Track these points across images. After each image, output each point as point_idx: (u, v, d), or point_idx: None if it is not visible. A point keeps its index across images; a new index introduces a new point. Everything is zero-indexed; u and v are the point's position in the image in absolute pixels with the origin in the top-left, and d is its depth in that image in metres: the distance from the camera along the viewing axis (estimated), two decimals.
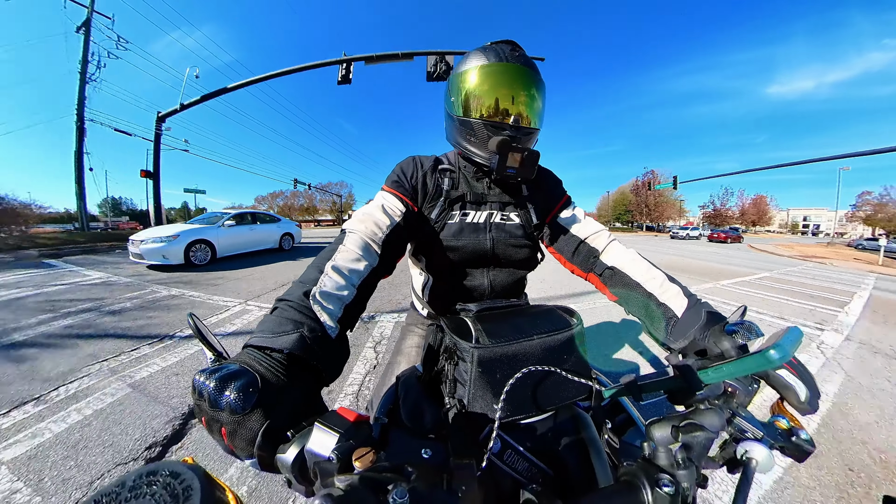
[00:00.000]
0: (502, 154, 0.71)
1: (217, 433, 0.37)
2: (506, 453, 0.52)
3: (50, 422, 1.85)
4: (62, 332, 3.20)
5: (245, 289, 5.17)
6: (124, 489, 0.25)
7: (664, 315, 0.64)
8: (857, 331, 3.95)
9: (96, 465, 1.54)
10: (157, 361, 2.60)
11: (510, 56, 0.75)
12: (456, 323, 0.60)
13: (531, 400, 0.54)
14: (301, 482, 0.35)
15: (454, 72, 0.81)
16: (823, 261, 13.77)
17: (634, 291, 0.71)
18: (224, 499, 0.27)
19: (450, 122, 0.84)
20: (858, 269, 11.10)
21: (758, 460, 0.38)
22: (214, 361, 0.42)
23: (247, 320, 3.70)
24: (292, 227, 11.06)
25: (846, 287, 7.17)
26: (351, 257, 0.64)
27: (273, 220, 10.44)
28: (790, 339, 0.36)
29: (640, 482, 0.39)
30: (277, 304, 0.52)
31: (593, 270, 0.83)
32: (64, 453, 1.60)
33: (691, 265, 10.29)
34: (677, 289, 0.66)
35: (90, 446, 1.66)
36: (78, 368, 2.47)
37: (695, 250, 17.76)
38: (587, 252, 0.84)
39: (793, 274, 9.12)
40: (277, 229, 10.31)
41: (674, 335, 0.62)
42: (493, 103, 0.75)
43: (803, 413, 0.44)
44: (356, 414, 0.37)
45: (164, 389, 2.20)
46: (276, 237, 10.20)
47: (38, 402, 2.03)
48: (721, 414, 0.44)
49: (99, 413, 1.93)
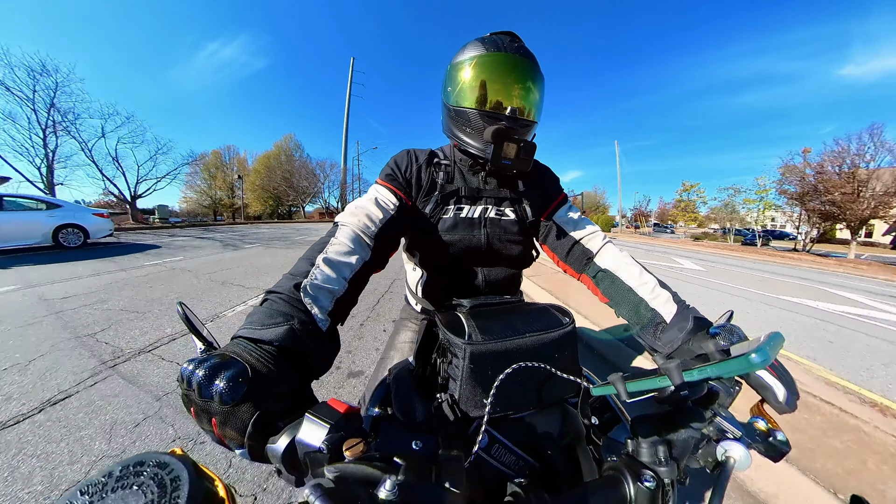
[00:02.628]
0: (497, 143, 0.70)
1: (207, 423, 0.37)
2: (494, 447, 0.53)
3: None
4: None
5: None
6: (111, 479, 0.25)
7: (653, 320, 0.66)
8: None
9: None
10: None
11: (509, 47, 0.74)
12: (449, 318, 0.60)
13: (521, 396, 0.55)
14: (291, 472, 0.35)
15: (452, 61, 0.80)
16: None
17: (626, 295, 0.72)
18: (213, 489, 0.27)
19: (446, 112, 0.83)
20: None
21: (736, 459, 0.40)
22: (204, 351, 0.42)
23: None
24: (86, 216, 7.93)
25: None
26: (342, 250, 0.63)
27: (46, 207, 7.47)
28: (772, 343, 0.37)
29: (624, 477, 0.40)
30: (267, 297, 0.52)
31: (586, 272, 0.83)
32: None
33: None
34: (668, 294, 0.68)
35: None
36: None
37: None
38: (581, 253, 0.84)
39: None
40: (47, 219, 7.26)
41: (661, 339, 0.63)
42: (489, 93, 0.74)
43: (781, 412, 0.45)
44: (347, 406, 0.37)
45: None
46: (45, 230, 7.20)
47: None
48: (703, 414, 0.46)
49: None
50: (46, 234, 7.28)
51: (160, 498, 0.24)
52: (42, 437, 1.60)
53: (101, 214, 8.64)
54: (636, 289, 0.71)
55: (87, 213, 8.19)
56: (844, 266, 11.81)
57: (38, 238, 7.21)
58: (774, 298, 5.76)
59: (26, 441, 1.58)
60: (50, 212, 7.47)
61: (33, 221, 7.20)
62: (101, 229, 8.44)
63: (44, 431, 1.65)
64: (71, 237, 7.67)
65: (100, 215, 8.51)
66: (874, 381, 2.69)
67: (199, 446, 1.61)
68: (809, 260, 13.70)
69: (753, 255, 14.82)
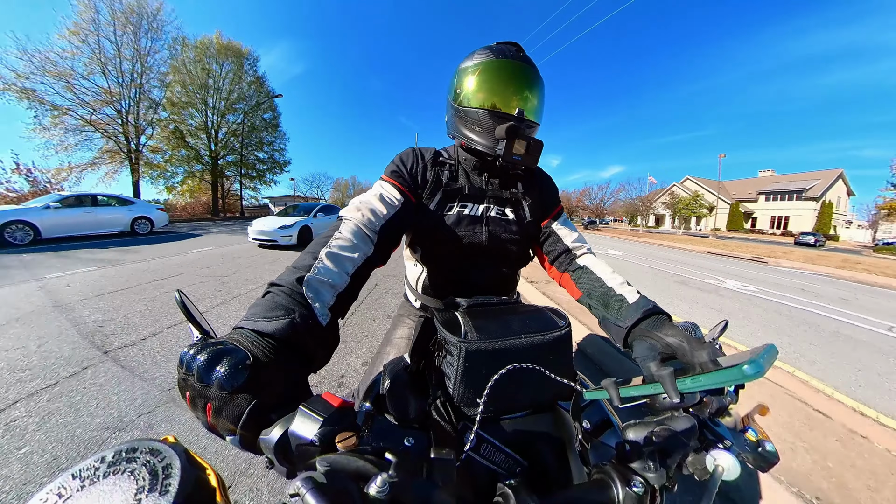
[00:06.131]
0: (510, 139, 0.76)
1: (201, 409, 0.37)
2: (486, 446, 0.53)
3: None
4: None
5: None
6: (103, 464, 0.25)
7: (617, 302, 0.72)
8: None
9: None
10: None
11: (516, 55, 0.82)
12: (446, 316, 0.61)
13: (514, 396, 0.55)
14: (283, 463, 0.36)
15: (461, 65, 0.86)
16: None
17: (596, 286, 0.79)
18: (205, 478, 0.27)
19: (453, 112, 0.87)
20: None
21: (725, 468, 0.40)
22: (202, 340, 0.41)
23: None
24: (151, 210, 10.94)
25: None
26: (346, 245, 0.64)
27: (123, 203, 10.27)
28: (766, 356, 0.36)
29: (613, 481, 0.40)
30: (270, 289, 0.52)
31: (567, 270, 0.89)
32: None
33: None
34: (633, 288, 0.73)
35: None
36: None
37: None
38: (566, 258, 0.91)
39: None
40: (126, 212, 10.13)
41: (621, 315, 0.68)
42: (500, 95, 0.82)
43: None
44: (341, 400, 0.37)
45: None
46: (126, 220, 10.04)
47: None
48: (694, 421, 0.46)
49: None
50: (126, 224, 10.17)
51: (151, 485, 0.24)
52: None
53: (161, 209, 11.71)
54: (606, 279, 0.78)
55: (153, 208, 11.24)
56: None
57: (121, 226, 10.01)
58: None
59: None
60: (128, 207, 10.39)
61: (117, 214, 9.96)
62: (161, 220, 11.36)
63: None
64: (142, 226, 10.63)
65: (160, 210, 11.55)
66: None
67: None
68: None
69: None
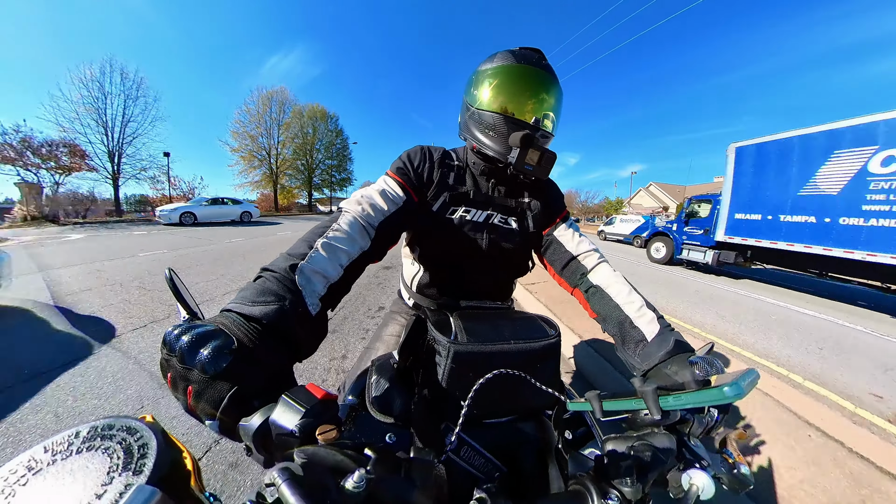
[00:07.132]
0: (524, 147, 0.73)
1: (182, 392, 0.36)
2: (466, 449, 0.53)
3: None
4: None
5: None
6: (77, 439, 0.24)
7: (635, 338, 0.67)
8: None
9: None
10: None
11: (538, 63, 0.78)
12: (438, 317, 0.60)
13: (499, 402, 0.55)
14: (261, 452, 0.35)
15: (480, 67, 0.83)
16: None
17: (613, 312, 0.73)
18: (180, 460, 0.27)
19: (468, 114, 0.84)
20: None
21: (699, 487, 0.40)
22: (188, 321, 0.41)
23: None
24: (251, 207, 18.00)
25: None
26: (342, 237, 0.63)
27: (235, 203, 17.23)
28: (746, 379, 0.37)
29: (589, 492, 0.40)
30: (262, 274, 0.51)
31: (579, 286, 0.85)
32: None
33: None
34: (652, 315, 0.69)
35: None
36: None
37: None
38: (576, 268, 0.86)
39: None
40: (238, 209, 17.03)
41: (640, 357, 0.64)
42: (517, 102, 0.78)
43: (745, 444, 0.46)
44: (324, 392, 0.37)
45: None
46: (237, 213, 16.86)
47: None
48: (673, 440, 0.46)
49: None
50: (237, 215, 16.88)
51: (126, 463, 0.23)
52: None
53: (256, 205, 19.64)
54: (623, 306, 0.72)
55: (252, 206, 18.26)
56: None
57: (235, 217, 16.72)
58: None
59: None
60: (238, 205, 17.19)
61: (233, 209, 16.76)
62: (256, 214, 18.30)
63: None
64: (246, 217, 17.33)
65: (256, 207, 18.79)
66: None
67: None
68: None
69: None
